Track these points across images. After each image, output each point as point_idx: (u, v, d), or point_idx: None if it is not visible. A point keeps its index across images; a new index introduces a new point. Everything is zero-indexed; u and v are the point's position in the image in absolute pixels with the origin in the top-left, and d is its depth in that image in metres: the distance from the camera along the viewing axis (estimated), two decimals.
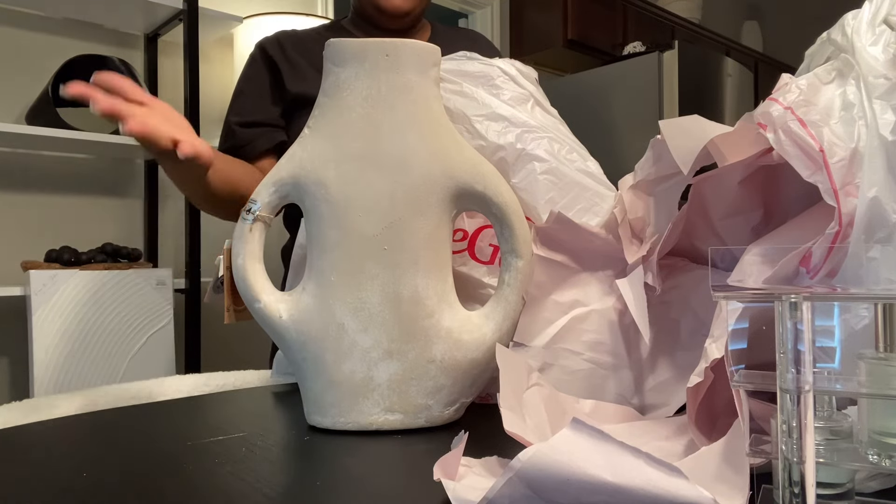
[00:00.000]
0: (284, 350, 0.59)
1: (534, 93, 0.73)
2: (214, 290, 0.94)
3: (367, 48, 0.57)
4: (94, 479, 0.44)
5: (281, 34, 1.18)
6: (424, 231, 0.56)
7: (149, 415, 0.64)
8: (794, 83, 0.49)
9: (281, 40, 1.15)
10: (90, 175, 2.07)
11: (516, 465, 0.32)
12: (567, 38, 3.23)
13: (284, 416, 0.62)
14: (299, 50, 1.13)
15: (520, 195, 0.65)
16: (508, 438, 0.41)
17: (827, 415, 0.35)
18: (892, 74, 0.45)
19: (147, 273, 1.79)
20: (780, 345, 0.32)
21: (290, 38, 1.16)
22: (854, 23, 0.50)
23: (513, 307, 0.58)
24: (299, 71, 1.11)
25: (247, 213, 0.58)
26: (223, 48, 2.32)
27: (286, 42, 1.14)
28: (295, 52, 1.13)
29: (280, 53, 1.13)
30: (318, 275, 0.57)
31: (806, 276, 0.44)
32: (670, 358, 0.59)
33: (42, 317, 1.63)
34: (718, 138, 0.49)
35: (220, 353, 2.21)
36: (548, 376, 0.59)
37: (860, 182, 0.43)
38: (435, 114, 0.59)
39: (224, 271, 0.85)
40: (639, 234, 0.61)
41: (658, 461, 0.31)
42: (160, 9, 1.96)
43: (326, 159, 0.57)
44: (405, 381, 0.56)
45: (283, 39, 1.15)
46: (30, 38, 1.98)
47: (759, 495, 0.36)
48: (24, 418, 0.64)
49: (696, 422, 0.44)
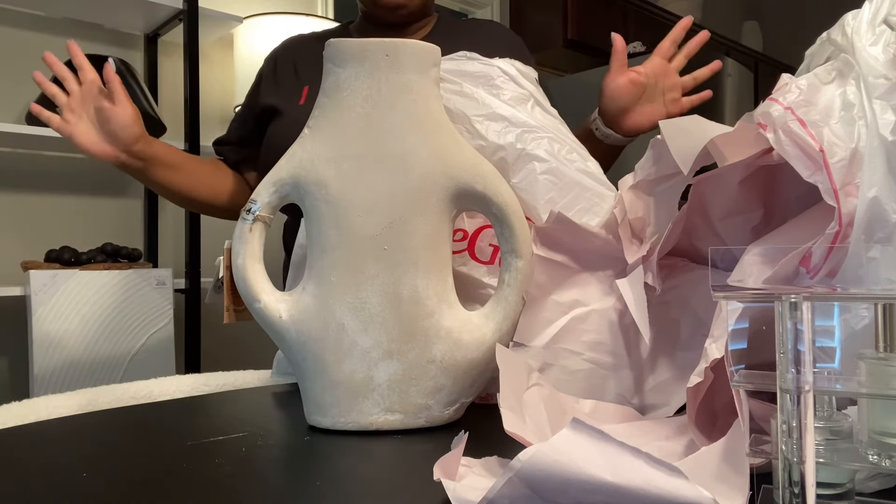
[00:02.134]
0: (284, 350, 0.59)
1: (534, 93, 0.73)
2: (215, 291, 0.94)
3: (367, 48, 0.57)
4: (94, 479, 0.44)
5: (284, 43, 1.20)
6: (424, 231, 0.56)
7: (149, 415, 0.64)
8: (794, 83, 0.49)
9: (278, 55, 1.18)
10: (90, 175, 2.07)
11: (516, 465, 0.32)
12: (567, 38, 3.23)
13: (284, 416, 0.62)
14: (292, 57, 1.15)
15: (520, 195, 0.65)
16: (508, 438, 0.41)
17: (827, 415, 0.35)
18: (892, 74, 0.45)
19: (147, 273, 1.79)
20: (780, 345, 0.32)
21: (286, 48, 1.18)
22: (854, 23, 0.50)
23: (513, 307, 0.58)
24: (277, 83, 1.13)
25: (247, 213, 0.58)
26: (223, 48, 2.32)
27: (281, 55, 1.17)
28: (286, 63, 1.15)
29: (270, 69, 1.16)
30: (318, 275, 0.57)
31: (806, 276, 0.44)
32: (670, 358, 0.59)
33: (42, 317, 1.63)
34: (718, 138, 0.49)
35: (220, 353, 2.21)
36: (548, 376, 0.59)
37: (860, 182, 0.43)
38: (435, 114, 0.59)
39: (224, 271, 0.85)
40: (639, 234, 0.61)
41: (658, 461, 0.31)
42: (160, 9, 1.96)
43: (326, 159, 0.57)
44: (405, 381, 0.56)
45: (280, 53, 1.18)
46: (30, 38, 1.98)
47: (759, 495, 0.36)
48: (24, 418, 0.64)
49: (696, 422, 0.44)
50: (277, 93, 1.12)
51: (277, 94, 1.11)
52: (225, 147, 1.19)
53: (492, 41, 1.11)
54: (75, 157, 2.03)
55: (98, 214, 2.08)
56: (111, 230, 2.10)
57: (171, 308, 1.81)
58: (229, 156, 1.18)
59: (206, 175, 1.11)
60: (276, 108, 1.09)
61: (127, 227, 2.13)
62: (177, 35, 2.03)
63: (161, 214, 2.18)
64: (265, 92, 1.14)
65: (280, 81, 1.13)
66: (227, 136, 1.19)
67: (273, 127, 1.09)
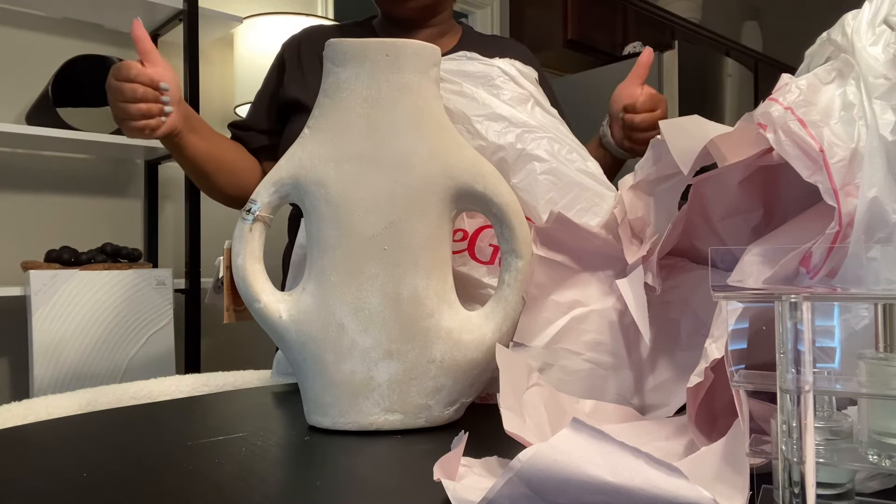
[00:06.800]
0: (284, 350, 0.59)
1: (534, 93, 0.73)
2: (215, 291, 0.94)
3: (367, 48, 0.57)
4: (94, 479, 0.44)
5: (307, 31, 1.18)
6: (424, 231, 0.56)
7: (149, 415, 0.64)
8: (794, 83, 0.49)
9: (301, 41, 1.15)
10: (90, 175, 2.07)
11: (516, 465, 0.32)
12: (567, 38, 3.23)
13: (284, 416, 0.62)
14: (316, 48, 1.12)
15: (520, 195, 0.65)
16: (508, 438, 0.41)
17: (827, 415, 0.35)
18: (892, 74, 0.45)
19: (147, 273, 1.79)
20: (780, 345, 0.32)
21: (311, 37, 1.15)
22: (854, 23, 0.50)
23: (513, 307, 0.58)
24: (303, 74, 1.11)
25: (247, 213, 0.58)
26: (223, 48, 2.32)
27: (305, 43, 1.14)
28: (310, 53, 1.12)
29: (294, 56, 1.13)
30: (318, 275, 0.57)
31: (806, 276, 0.44)
32: (670, 358, 0.59)
33: (42, 317, 1.63)
34: (718, 138, 0.49)
35: (220, 353, 2.21)
36: (548, 376, 0.59)
37: (860, 182, 0.43)
38: (435, 114, 0.59)
39: (224, 271, 0.85)
40: (639, 234, 0.61)
41: (658, 461, 0.31)
42: (160, 9, 1.96)
43: (326, 159, 0.57)
44: (405, 381, 0.56)
45: (303, 40, 1.15)
46: (30, 38, 1.98)
47: (759, 495, 0.36)
48: (24, 418, 0.64)
49: (696, 422, 0.44)
50: (303, 85, 1.09)
51: (303, 87, 1.09)
52: (245, 132, 1.14)
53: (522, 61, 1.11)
54: (75, 157, 2.04)
55: (98, 214, 2.08)
56: (111, 230, 2.10)
57: (171, 308, 1.81)
58: (250, 141, 1.13)
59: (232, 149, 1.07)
60: (300, 101, 1.07)
61: (127, 227, 2.13)
62: (177, 35, 2.03)
63: (161, 214, 2.18)
64: (289, 81, 1.11)
65: (305, 73, 1.11)
66: (249, 121, 1.14)
67: (296, 122, 1.08)
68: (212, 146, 1.01)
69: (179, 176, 2.13)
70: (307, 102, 1.06)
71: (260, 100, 1.15)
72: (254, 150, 1.13)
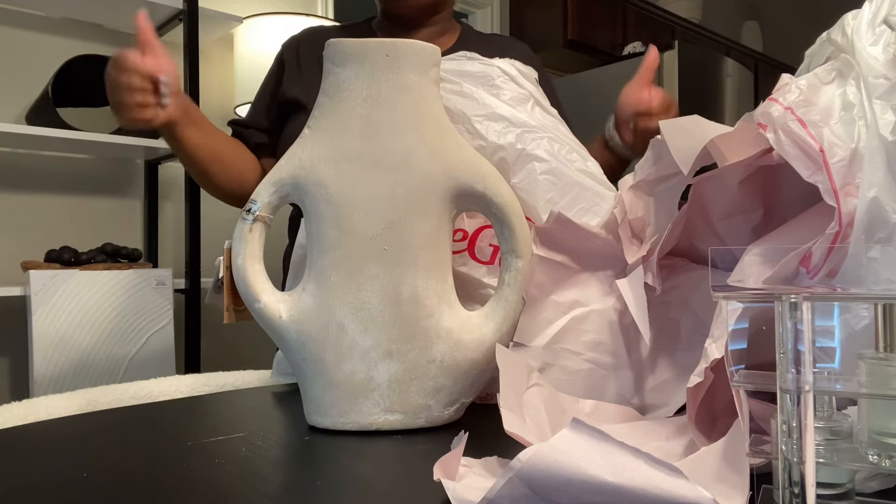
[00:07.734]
0: (284, 350, 0.59)
1: (534, 93, 0.73)
2: (215, 291, 0.94)
3: (367, 48, 0.57)
4: (94, 479, 0.44)
5: (306, 31, 1.18)
6: (424, 231, 0.56)
7: (149, 415, 0.64)
8: (794, 83, 0.49)
9: (300, 41, 1.15)
10: (90, 175, 2.07)
11: (516, 465, 0.32)
12: (567, 38, 3.23)
13: (284, 416, 0.62)
14: (315, 49, 1.12)
15: (520, 195, 0.65)
16: (508, 438, 0.41)
17: (827, 415, 0.35)
18: (892, 74, 0.45)
19: (147, 273, 1.79)
20: (780, 345, 0.32)
21: (310, 37, 1.16)
22: (854, 23, 0.50)
23: (513, 307, 0.58)
24: (302, 74, 1.11)
25: (247, 213, 0.58)
26: (223, 48, 2.32)
27: (304, 43, 1.14)
28: (309, 53, 1.12)
29: (293, 56, 1.14)
30: (318, 275, 0.56)
31: (806, 276, 0.44)
32: (670, 358, 0.59)
33: (42, 317, 1.63)
34: (718, 138, 0.49)
35: (220, 353, 2.21)
36: (548, 376, 0.59)
37: (860, 182, 0.43)
38: (435, 114, 0.59)
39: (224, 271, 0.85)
40: (639, 234, 0.61)
41: (658, 461, 0.31)
42: (160, 9, 1.96)
43: (326, 159, 0.57)
44: (405, 381, 0.56)
45: (302, 40, 1.15)
46: (30, 38, 1.98)
47: (759, 495, 0.36)
48: (24, 418, 0.64)
49: (696, 422, 0.44)
50: (302, 85, 1.10)
51: (302, 87, 1.09)
52: (245, 129, 1.14)
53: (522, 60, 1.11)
54: (75, 157, 2.04)
55: (98, 214, 2.08)
56: (111, 230, 2.10)
57: (171, 308, 1.81)
58: (250, 138, 1.13)
59: (231, 144, 1.08)
60: (300, 101, 1.08)
61: (127, 227, 2.13)
62: (177, 35, 2.03)
63: (161, 214, 2.18)
64: (288, 81, 1.11)
65: (304, 73, 1.11)
66: (249, 119, 1.15)
67: (295, 122, 1.08)
68: (210, 139, 1.01)
69: (179, 176, 2.13)
70: (306, 102, 1.06)
71: (260, 100, 1.16)
72: (253, 147, 1.13)
